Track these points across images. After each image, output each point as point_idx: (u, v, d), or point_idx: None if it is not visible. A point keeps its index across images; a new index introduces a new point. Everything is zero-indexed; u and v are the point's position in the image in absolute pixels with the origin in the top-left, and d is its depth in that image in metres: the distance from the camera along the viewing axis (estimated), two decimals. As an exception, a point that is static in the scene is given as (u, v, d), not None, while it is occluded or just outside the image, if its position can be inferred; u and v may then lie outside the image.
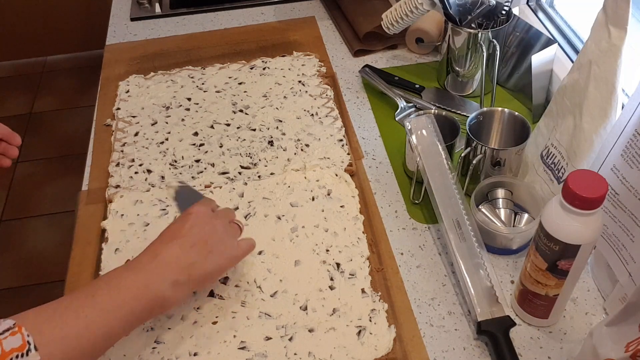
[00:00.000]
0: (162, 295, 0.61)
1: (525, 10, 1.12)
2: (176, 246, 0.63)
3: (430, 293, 0.75)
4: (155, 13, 1.27)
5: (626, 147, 0.64)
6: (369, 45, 1.14)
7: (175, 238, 0.64)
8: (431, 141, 0.82)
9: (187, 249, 0.63)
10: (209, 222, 0.67)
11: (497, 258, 0.78)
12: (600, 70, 0.70)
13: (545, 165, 0.80)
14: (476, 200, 0.79)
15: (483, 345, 0.69)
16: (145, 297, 0.60)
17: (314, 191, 0.85)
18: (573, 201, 0.57)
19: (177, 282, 0.62)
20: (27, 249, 1.93)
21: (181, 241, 0.64)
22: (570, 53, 0.99)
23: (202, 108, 1.00)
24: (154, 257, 0.62)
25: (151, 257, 0.62)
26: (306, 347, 0.68)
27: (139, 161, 0.91)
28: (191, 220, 0.66)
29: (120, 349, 0.68)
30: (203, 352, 0.68)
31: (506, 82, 1.04)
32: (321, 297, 0.73)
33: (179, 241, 0.64)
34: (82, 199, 0.88)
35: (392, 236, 0.81)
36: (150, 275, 0.61)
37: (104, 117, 1.01)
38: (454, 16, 0.97)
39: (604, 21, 0.69)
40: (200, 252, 0.64)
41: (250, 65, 1.09)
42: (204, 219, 0.67)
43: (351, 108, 1.02)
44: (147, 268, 0.61)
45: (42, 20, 2.55)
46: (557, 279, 0.64)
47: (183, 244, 0.64)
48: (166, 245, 0.63)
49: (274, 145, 0.93)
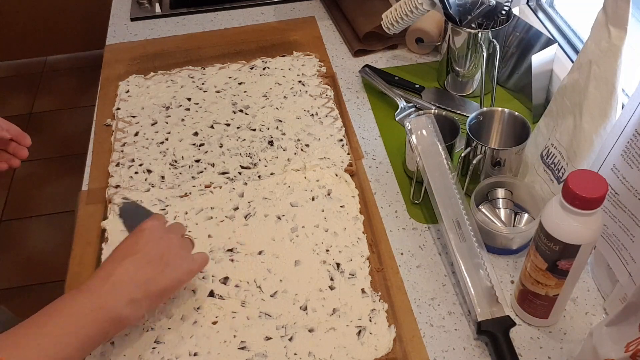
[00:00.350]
0: (117, 316, 0.60)
1: (525, 10, 1.12)
2: (130, 264, 0.62)
3: (430, 293, 0.75)
4: (155, 13, 1.27)
5: (626, 147, 0.64)
6: (369, 45, 1.14)
7: (128, 255, 0.63)
8: (431, 141, 0.82)
9: (142, 265, 0.63)
10: (164, 236, 0.66)
11: (497, 258, 0.78)
12: (600, 70, 0.70)
13: (545, 165, 0.80)
14: (476, 200, 0.79)
15: (483, 345, 0.69)
16: (100, 319, 0.59)
17: (314, 191, 0.85)
18: (573, 201, 0.57)
19: (133, 300, 0.61)
20: (27, 249, 1.93)
21: (135, 258, 0.63)
22: (570, 53, 0.99)
23: (202, 108, 1.00)
24: (107, 277, 0.61)
25: (104, 278, 0.61)
26: (306, 347, 0.68)
27: (139, 161, 0.91)
28: (146, 236, 0.65)
29: (120, 349, 0.68)
30: (203, 352, 0.68)
31: (506, 82, 1.04)
32: (321, 297, 0.73)
33: (133, 258, 0.63)
34: (82, 199, 0.88)
35: (392, 236, 0.81)
36: (105, 297, 0.60)
37: (104, 117, 1.01)
38: (454, 16, 0.97)
39: (604, 21, 0.69)
40: (156, 268, 0.63)
41: (250, 65, 1.09)
42: (158, 234, 0.66)
43: (351, 108, 1.02)
44: (101, 290, 0.60)
45: (42, 20, 2.55)
46: (557, 279, 0.64)
47: (138, 261, 0.63)
48: (119, 264, 0.62)
49: (274, 145, 0.93)
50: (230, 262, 0.76)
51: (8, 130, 0.83)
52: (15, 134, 0.84)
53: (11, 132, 0.83)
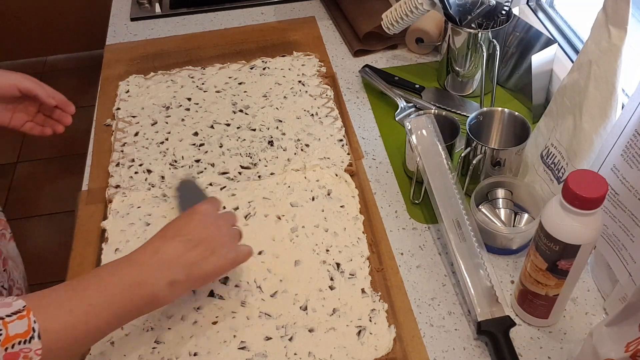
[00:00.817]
0: (155, 294, 0.60)
1: (525, 10, 1.11)
2: (179, 244, 0.62)
3: (430, 293, 0.75)
4: (155, 13, 1.27)
5: (626, 147, 0.64)
6: (369, 45, 1.14)
7: (178, 235, 0.63)
8: (431, 141, 0.82)
9: (189, 249, 0.63)
10: (215, 222, 0.66)
11: (497, 258, 0.78)
12: (600, 70, 0.70)
13: (545, 165, 0.80)
14: (476, 200, 0.79)
15: (483, 345, 0.69)
16: (138, 295, 0.59)
17: (314, 191, 0.85)
18: (573, 201, 0.57)
19: (174, 281, 0.61)
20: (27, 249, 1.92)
21: (184, 239, 0.63)
22: (570, 53, 0.99)
23: (202, 108, 1.00)
24: (154, 253, 0.61)
25: (151, 253, 0.61)
26: (306, 347, 0.68)
27: (139, 161, 0.91)
28: (197, 220, 0.65)
29: (120, 349, 0.68)
30: (203, 352, 0.68)
31: (506, 82, 1.04)
32: (321, 297, 0.73)
33: (182, 239, 0.63)
34: (82, 199, 0.88)
35: (392, 236, 0.81)
36: (148, 273, 0.60)
37: (104, 117, 1.01)
38: (454, 16, 0.97)
39: (604, 21, 0.69)
40: (202, 253, 0.63)
41: (250, 65, 1.09)
42: (210, 219, 0.66)
43: (351, 108, 1.02)
44: (146, 265, 0.60)
45: (42, 20, 2.55)
46: (557, 279, 0.64)
47: (186, 243, 0.63)
48: (168, 242, 0.63)
49: (274, 145, 0.93)
50: (230, 262, 0.76)
51: (54, 98, 0.86)
52: (61, 102, 0.87)
53: (56, 99, 0.86)
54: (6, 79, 0.82)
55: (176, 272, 0.61)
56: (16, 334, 0.51)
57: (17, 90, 0.82)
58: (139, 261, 0.61)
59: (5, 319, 0.51)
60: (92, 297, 0.57)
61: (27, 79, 0.84)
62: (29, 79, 0.84)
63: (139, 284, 0.59)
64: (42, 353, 0.52)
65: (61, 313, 0.55)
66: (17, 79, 0.83)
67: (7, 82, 0.82)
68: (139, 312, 0.61)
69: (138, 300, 0.59)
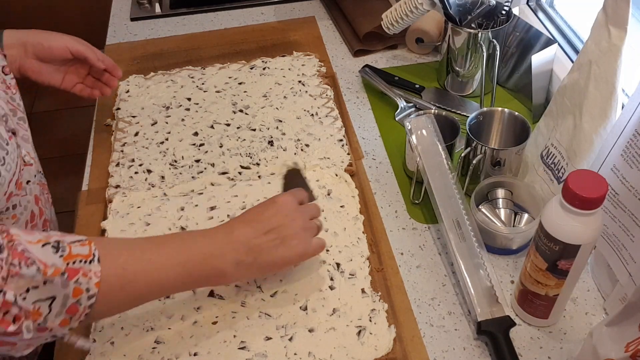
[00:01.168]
0: (223, 269, 0.63)
1: (525, 10, 1.11)
2: (251, 228, 0.65)
3: (430, 293, 0.75)
4: (155, 13, 1.27)
5: (626, 147, 0.64)
6: (369, 45, 1.14)
7: (253, 221, 0.66)
8: (431, 141, 0.82)
9: (260, 234, 0.65)
10: (291, 214, 0.67)
11: (497, 258, 0.78)
12: (600, 70, 0.70)
13: (545, 165, 0.80)
14: (476, 200, 0.79)
15: (483, 345, 0.69)
16: (208, 265, 0.62)
17: (314, 191, 0.85)
18: (573, 201, 0.57)
19: (241, 262, 0.63)
20: (27, 249, 1.92)
21: (257, 225, 0.65)
22: (570, 53, 0.99)
23: (202, 108, 1.00)
24: (228, 233, 0.64)
25: (226, 232, 0.65)
26: (306, 347, 0.68)
27: (139, 161, 0.91)
28: (274, 208, 0.67)
29: (120, 349, 0.68)
30: (203, 352, 0.68)
31: (506, 82, 1.04)
32: (321, 297, 0.73)
33: (255, 224, 0.65)
34: (82, 199, 0.88)
35: (392, 236, 0.81)
36: (221, 247, 0.63)
37: (104, 117, 1.01)
38: (454, 16, 0.97)
39: (604, 21, 0.69)
40: (272, 241, 0.65)
41: (250, 65, 1.09)
42: (287, 210, 0.67)
43: (351, 108, 1.02)
44: (220, 241, 0.64)
45: (42, 21, 2.55)
46: (557, 279, 0.64)
47: (259, 229, 0.65)
48: (242, 226, 0.65)
49: (274, 145, 0.93)
50: (230, 262, 0.76)
51: (103, 62, 0.89)
52: (109, 65, 0.90)
53: (105, 63, 0.89)
54: (59, 41, 0.85)
55: (243, 254, 0.63)
56: (78, 253, 0.54)
57: (69, 52, 0.85)
58: (213, 237, 0.64)
59: (69, 242, 0.54)
60: (169, 254, 0.60)
61: (78, 42, 0.87)
62: (81, 42, 0.87)
63: (213, 255, 0.62)
64: (102, 277, 0.54)
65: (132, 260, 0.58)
66: (70, 41, 0.86)
67: (60, 44, 0.85)
68: (205, 283, 0.65)
69: (209, 270, 0.62)
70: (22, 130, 0.75)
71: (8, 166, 0.63)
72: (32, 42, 0.83)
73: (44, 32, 0.86)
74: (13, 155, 0.64)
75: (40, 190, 0.79)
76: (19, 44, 0.83)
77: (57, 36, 0.85)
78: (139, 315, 0.71)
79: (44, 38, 0.84)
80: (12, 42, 0.83)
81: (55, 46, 0.84)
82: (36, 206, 0.75)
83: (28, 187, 0.73)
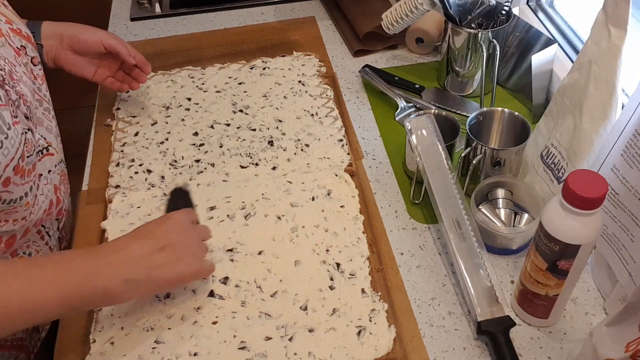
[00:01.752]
0: (109, 290, 0.59)
1: (525, 10, 1.11)
2: (144, 245, 0.63)
3: (430, 293, 0.75)
4: (155, 13, 1.27)
5: (626, 147, 0.64)
6: (369, 45, 1.14)
7: (146, 237, 0.64)
8: (431, 141, 0.82)
9: (154, 251, 0.63)
10: (186, 231, 0.66)
11: (497, 258, 0.78)
12: (600, 70, 0.70)
13: (545, 165, 0.80)
14: (476, 200, 0.79)
15: (483, 345, 0.69)
16: (90, 286, 0.58)
17: (314, 191, 0.85)
18: (573, 201, 0.57)
19: (132, 280, 0.60)
20: (27, 249, 1.92)
21: (151, 241, 0.63)
22: (570, 53, 0.99)
23: (202, 108, 1.00)
24: (118, 250, 0.62)
25: (115, 249, 0.62)
26: (306, 347, 0.68)
27: (139, 161, 0.91)
28: (169, 225, 0.66)
29: (120, 349, 0.68)
30: (203, 352, 0.68)
31: (506, 82, 1.04)
32: (321, 297, 0.73)
33: (149, 241, 0.63)
34: (82, 199, 0.88)
35: (392, 236, 0.81)
36: (105, 266, 0.60)
37: (104, 117, 1.01)
38: (454, 16, 0.97)
39: (604, 21, 0.69)
40: (167, 258, 0.63)
41: (250, 65, 1.09)
42: (182, 227, 0.66)
43: (351, 108, 1.02)
44: (106, 258, 0.60)
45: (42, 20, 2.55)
46: (557, 279, 0.64)
47: (152, 245, 0.63)
48: (134, 242, 0.63)
49: (274, 145, 0.93)
50: (230, 262, 0.76)
51: (134, 57, 0.92)
52: (140, 61, 0.92)
53: (137, 59, 0.92)
54: (94, 35, 0.88)
55: (136, 271, 0.61)
56: None
57: (102, 46, 0.88)
58: (99, 254, 0.61)
59: None
60: (47, 276, 0.57)
61: (111, 37, 0.89)
62: (114, 37, 0.90)
63: (95, 275, 0.59)
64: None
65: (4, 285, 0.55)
66: (103, 35, 0.88)
67: (94, 38, 0.87)
68: (89, 304, 0.61)
69: (90, 291, 0.59)
70: (47, 120, 0.76)
71: (6, 150, 0.62)
72: (68, 35, 0.86)
73: (80, 26, 0.89)
74: (14, 140, 0.63)
75: (60, 180, 0.80)
76: (56, 35, 0.86)
77: (92, 30, 0.88)
78: (139, 315, 0.71)
79: (80, 31, 0.88)
80: (49, 33, 0.86)
81: (89, 39, 0.87)
82: (54, 195, 0.76)
83: (49, 176, 0.74)
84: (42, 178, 0.73)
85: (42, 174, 0.74)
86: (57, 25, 0.88)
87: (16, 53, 0.73)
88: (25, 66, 0.74)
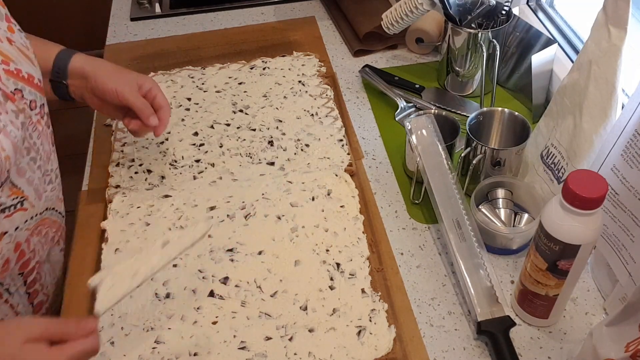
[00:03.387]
0: None
1: (525, 10, 1.12)
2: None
3: (430, 293, 0.75)
4: (155, 13, 1.27)
5: (626, 147, 0.64)
6: (369, 45, 1.14)
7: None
8: (431, 141, 0.82)
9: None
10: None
11: (497, 258, 0.78)
12: (600, 70, 0.70)
13: (545, 165, 0.80)
14: (476, 200, 0.79)
15: (483, 345, 0.69)
16: None
17: (314, 191, 0.85)
18: (573, 201, 0.57)
19: None
20: (27, 249, 1.92)
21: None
22: (570, 53, 0.99)
23: (202, 108, 1.00)
24: None
25: None
26: (306, 347, 0.68)
27: (139, 161, 0.91)
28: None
29: (120, 349, 0.68)
30: (203, 352, 0.68)
31: (506, 82, 1.04)
32: (321, 297, 0.73)
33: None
34: (82, 199, 0.88)
35: (392, 236, 0.81)
36: None
37: (104, 117, 1.01)
38: (454, 16, 0.97)
39: (604, 21, 0.69)
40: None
41: (250, 65, 1.09)
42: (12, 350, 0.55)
43: (351, 108, 1.02)
44: None
45: (42, 20, 2.55)
46: (557, 279, 0.64)
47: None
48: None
49: (274, 145, 0.93)
50: (230, 262, 0.76)
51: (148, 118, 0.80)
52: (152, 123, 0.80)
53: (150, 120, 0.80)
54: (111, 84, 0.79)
55: None
56: None
57: (117, 98, 0.79)
58: None
59: None
60: None
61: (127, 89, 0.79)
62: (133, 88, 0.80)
63: None
64: None
65: None
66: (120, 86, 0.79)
67: (111, 88, 0.79)
68: None
69: None
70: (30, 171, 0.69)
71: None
72: (91, 77, 0.80)
73: (104, 68, 0.82)
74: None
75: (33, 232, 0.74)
76: (81, 76, 0.81)
77: (114, 76, 0.80)
78: (139, 315, 0.71)
79: (100, 76, 0.80)
80: (75, 71, 0.82)
81: (107, 90, 0.79)
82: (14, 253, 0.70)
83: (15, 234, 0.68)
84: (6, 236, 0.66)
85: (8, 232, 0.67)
86: (85, 61, 0.82)
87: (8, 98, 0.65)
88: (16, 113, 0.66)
